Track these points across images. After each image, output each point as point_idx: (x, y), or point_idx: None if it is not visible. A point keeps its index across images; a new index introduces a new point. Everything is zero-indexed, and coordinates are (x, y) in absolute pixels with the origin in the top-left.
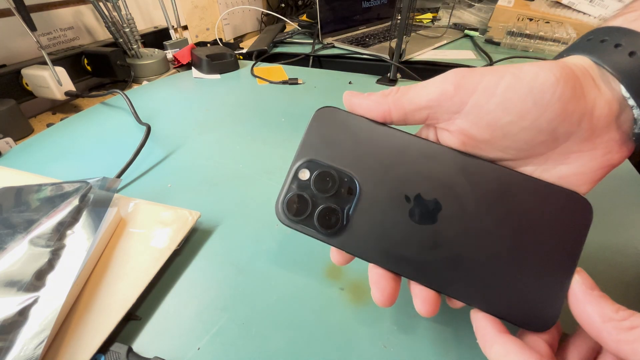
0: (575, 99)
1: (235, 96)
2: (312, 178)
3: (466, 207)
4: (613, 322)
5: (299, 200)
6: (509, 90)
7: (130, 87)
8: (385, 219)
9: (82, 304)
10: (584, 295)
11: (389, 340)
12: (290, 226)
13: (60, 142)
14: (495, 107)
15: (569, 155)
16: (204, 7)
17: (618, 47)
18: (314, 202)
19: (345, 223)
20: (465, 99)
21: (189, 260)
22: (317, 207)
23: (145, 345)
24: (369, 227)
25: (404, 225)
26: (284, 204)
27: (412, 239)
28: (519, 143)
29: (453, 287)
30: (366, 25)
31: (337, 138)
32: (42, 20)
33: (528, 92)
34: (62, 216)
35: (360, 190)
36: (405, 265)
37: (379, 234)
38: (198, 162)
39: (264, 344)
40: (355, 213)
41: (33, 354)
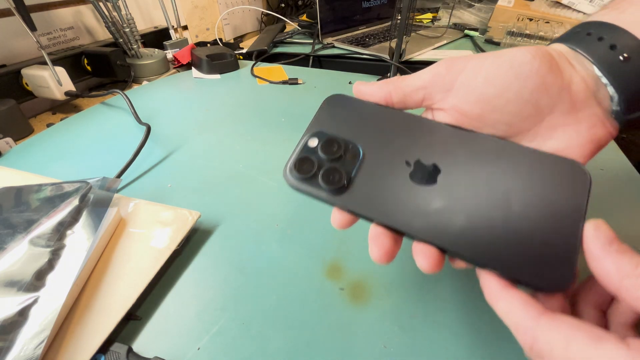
0: (552, 73)
1: (235, 96)
2: (319, 144)
3: (465, 170)
4: (632, 279)
5: (306, 161)
6: (492, 66)
7: (130, 87)
8: (387, 181)
9: (82, 304)
10: (601, 251)
11: (389, 340)
12: (296, 187)
13: (60, 142)
14: (481, 82)
15: (555, 129)
16: (204, 7)
17: (589, 35)
18: (320, 164)
19: (348, 183)
20: (455, 77)
21: (189, 260)
22: (323, 167)
23: (145, 345)
24: (371, 187)
25: (405, 186)
26: (292, 165)
27: (413, 198)
28: (507, 116)
29: (453, 244)
30: (366, 25)
31: (344, 116)
32: (42, 20)
33: (509, 67)
34: (62, 216)
35: (363, 156)
36: (405, 222)
37: (381, 194)
38: (198, 162)
39: (264, 344)
40: (358, 175)
41: (33, 354)
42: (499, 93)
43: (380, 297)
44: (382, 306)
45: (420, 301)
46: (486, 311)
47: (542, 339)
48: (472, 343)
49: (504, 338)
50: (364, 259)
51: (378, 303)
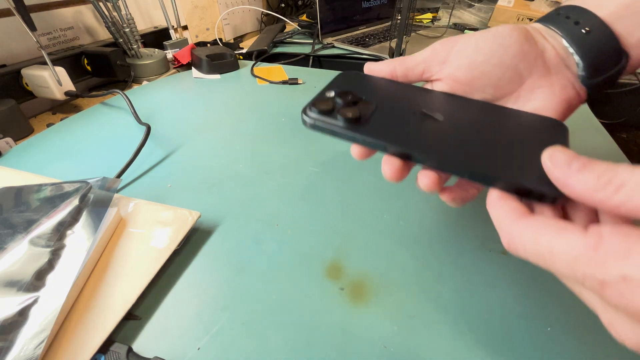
0: (529, 43)
1: (235, 96)
2: (336, 93)
3: (464, 117)
4: (600, 192)
5: (324, 101)
6: (480, 39)
7: (130, 87)
8: (397, 121)
9: (82, 304)
10: (563, 176)
11: (389, 340)
12: (313, 124)
13: (60, 142)
14: (471, 51)
15: (534, 91)
16: (204, 7)
17: (559, 15)
18: (337, 105)
19: (362, 118)
20: (450, 50)
21: (189, 260)
22: (340, 105)
23: (145, 345)
24: (382, 124)
25: (411, 123)
26: (310, 104)
27: (420, 131)
28: (493, 80)
29: (456, 168)
30: (366, 25)
31: (356, 84)
32: (42, 20)
33: (493, 38)
34: (62, 216)
35: (374, 106)
36: (414, 150)
37: (390, 128)
38: (198, 162)
39: (264, 344)
40: (371, 117)
41: (33, 354)
42: (486, 60)
43: (380, 297)
44: (382, 306)
45: (420, 301)
46: (486, 311)
47: (517, 236)
48: (472, 343)
49: (503, 338)
50: (364, 259)
51: (378, 303)
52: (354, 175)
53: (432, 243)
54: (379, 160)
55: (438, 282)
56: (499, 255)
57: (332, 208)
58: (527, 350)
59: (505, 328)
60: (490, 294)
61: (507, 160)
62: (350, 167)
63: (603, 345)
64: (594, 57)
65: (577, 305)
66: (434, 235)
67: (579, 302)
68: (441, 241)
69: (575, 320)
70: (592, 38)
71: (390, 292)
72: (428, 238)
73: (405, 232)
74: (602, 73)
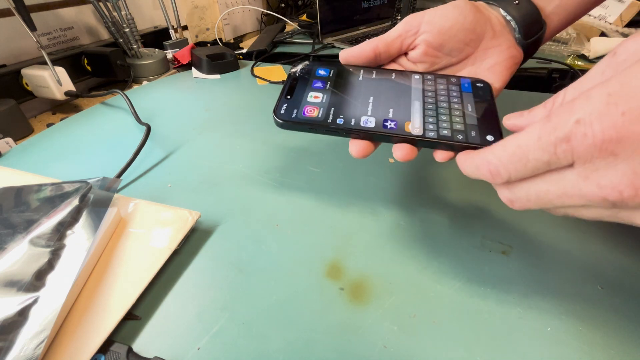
0: (479, 12)
1: (235, 96)
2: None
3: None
4: (546, 122)
5: (289, 101)
6: (444, 10)
7: (130, 87)
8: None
9: (82, 304)
10: (522, 124)
11: (389, 340)
12: (282, 124)
13: (60, 142)
14: (439, 19)
15: (487, 51)
16: (204, 7)
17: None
18: (300, 103)
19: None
20: (420, 21)
21: (189, 260)
22: (302, 106)
23: (145, 345)
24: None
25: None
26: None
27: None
28: (458, 43)
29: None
30: (366, 25)
31: (308, 77)
32: (42, 20)
33: (453, 8)
34: (62, 216)
35: (331, 97)
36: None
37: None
38: (198, 162)
39: (264, 344)
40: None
41: (33, 354)
42: (452, 25)
43: (380, 297)
44: (382, 306)
45: (420, 301)
46: (486, 311)
47: (492, 158)
48: (472, 343)
49: (503, 338)
50: (364, 259)
51: (378, 303)
52: (354, 176)
53: (432, 243)
54: (379, 160)
55: (438, 282)
56: (499, 255)
57: (332, 208)
58: (527, 350)
59: (505, 328)
60: (490, 294)
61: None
62: (350, 167)
63: (603, 345)
64: (524, 22)
65: (577, 306)
66: (434, 235)
67: (579, 302)
68: (441, 241)
69: (575, 320)
70: (521, 7)
71: (390, 292)
72: (428, 238)
73: (405, 232)
74: (531, 36)
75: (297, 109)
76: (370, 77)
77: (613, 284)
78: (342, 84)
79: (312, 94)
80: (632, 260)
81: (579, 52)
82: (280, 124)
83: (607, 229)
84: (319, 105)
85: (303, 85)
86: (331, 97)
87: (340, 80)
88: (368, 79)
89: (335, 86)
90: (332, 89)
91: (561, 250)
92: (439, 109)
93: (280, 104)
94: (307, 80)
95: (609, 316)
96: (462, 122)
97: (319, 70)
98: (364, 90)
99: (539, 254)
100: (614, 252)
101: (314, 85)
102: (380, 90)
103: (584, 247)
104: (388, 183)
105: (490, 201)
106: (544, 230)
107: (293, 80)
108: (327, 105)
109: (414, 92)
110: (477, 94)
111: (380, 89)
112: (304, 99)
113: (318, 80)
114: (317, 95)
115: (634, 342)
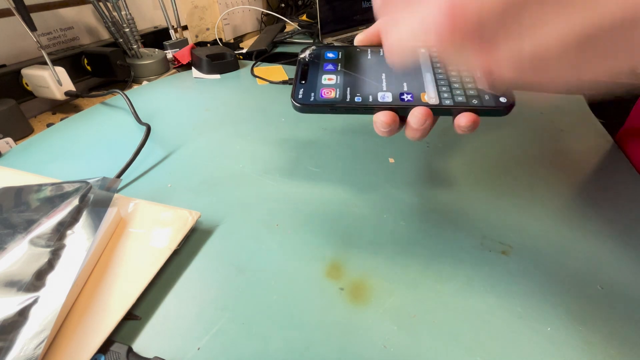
0: None
1: (235, 96)
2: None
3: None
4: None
5: (306, 86)
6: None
7: (130, 87)
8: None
9: (82, 304)
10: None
11: (389, 340)
12: (302, 108)
13: (60, 142)
14: None
15: None
16: (204, 7)
17: None
18: (316, 85)
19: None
20: None
21: (189, 260)
22: (318, 86)
23: (145, 345)
24: (360, 90)
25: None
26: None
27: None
28: None
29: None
30: (366, 25)
31: (319, 61)
32: (42, 20)
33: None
34: (62, 216)
35: (344, 76)
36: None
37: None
38: (198, 162)
39: (264, 344)
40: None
41: (33, 354)
42: None
43: (380, 297)
44: (382, 306)
45: (420, 301)
46: (486, 311)
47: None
48: (472, 343)
49: (503, 338)
50: (364, 259)
51: (378, 303)
52: (354, 176)
53: (432, 243)
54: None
55: (438, 282)
56: (499, 255)
57: (332, 208)
58: (527, 350)
59: (505, 328)
60: (490, 294)
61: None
62: (349, 167)
63: (603, 345)
64: None
65: (577, 306)
66: (434, 235)
67: (579, 302)
68: (441, 241)
69: (575, 320)
70: None
71: (391, 292)
72: (428, 238)
73: (405, 232)
74: None
75: (314, 92)
76: (378, 55)
77: (613, 284)
78: (353, 65)
79: (326, 76)
80: (632, 260)
81: None
82: (300, 107)
83: (607, 229)
84: (335, 86)
85: (315, 69)
86: (344, 77)
87: (350, 61)
88: (377, 57)
89: (346, 67)
90: (343, 69)
91: (561, 250)
92: (450, 78)
93: (297, 89)
94: (318, 64)
95: (609, 316)
96: (474, 88)
97: (327, 54)
98: (376, 68)
99: (539, 254)
100: (614, 252)
101: (325, 68)
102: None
103: (584, 247)
104: (388, 183)
105: (490, 201)
106: (544, 230)
107: (304, 65)
108: (343, 85)
109: (423, 65)
110: None
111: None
112: (318, 82)
113: (329, 63)
114: (331, 77)
115: (634, 342)
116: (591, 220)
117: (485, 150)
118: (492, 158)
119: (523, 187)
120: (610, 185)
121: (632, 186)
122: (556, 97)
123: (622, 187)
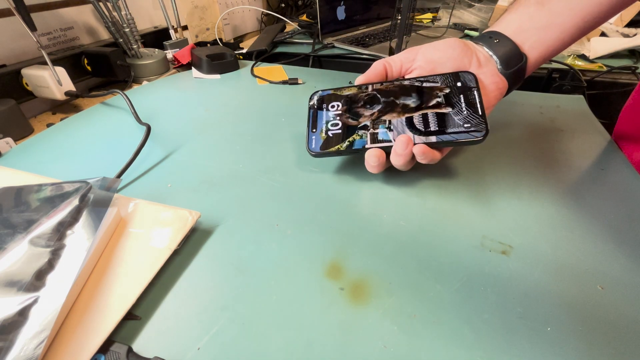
0: (467, 47)
1: (235, 96)
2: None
3: (404, 100)
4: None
5: (318, 138)
6: (436, 44)
7: (130, 87)
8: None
9: (82, 304)
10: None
11: (389, 340)
12: (316, 155)
13: (60, 142)
14: (431, 50)
15: None
16: (204, 7)
17: (483, 36)
18: (328, 137)
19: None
20: (417, 52)
21: (189, 260)
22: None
23: (145, 345)
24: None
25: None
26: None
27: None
28: (446, 68)
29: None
30: (366, 25)
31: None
32: (42, 20)
33: (444, 43)
34: (62, 216)
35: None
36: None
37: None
38: (198, 162)
39: (264, 344)
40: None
41: (33, 354)
42: (441, 55)
43: (380, 297)
44: (382, 306)
45: (420, 301)
46: (486, 311)
47: None
48: (472, 343)
49: (503, 338)
50: (364, 259)
51: (378, 303)
52: (353, 176)
53: (432, 243)
54: None
55: (438, 282)
56: (498, 255)
57: (332, 208)
58: (527, 350)
59: (505, 328)
60: (490, 294)
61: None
62: (349, 167)
63: (603, 345)
64: (504, 56)
65: (577, 306)
66: (434, 235)
67: (579, 302)
68: (441, 241)
69: (575, 320)
70: (500, 44)
71: (391, 292)
72: (428, 238)
73: (405, 232)
74: (512, 67)
75: (324, 142)
76: (373, 95)
77: (613, 284)
78: (351, 109)
79: (331, 123)
80: (632, 260)
81: (579, 52)
82: (314, 155)
83: (607, 229)
84: (339, 133)
85: (322, 117)
86: (345, 124)
87: (349, 106)
88: (371, 97)
89: (347, 111)
90: (345, 115)
91: (561, 250)
92: (438, 115)
93: (309, 139)
94: (323, 110)
95: (609, 316)
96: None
97: (330, 101)
98: (371, 109)
99: (539, 254)
100: (614, 252)
101: (329, 115)
102: (386, 105)
103: (584, 247)
104: (388, 183)
105: (491, 201)
106: (544, 230)
107: (313, 112)
108: (346, 132)
109: (412, 101)
110: (466, 96)
111: (386, 102)
112: (326, 130)
113: (331, 109)
114: (336, 123)
115: (634, 342)
116: (591, 220)
117: (485, 150)
118: (492, 158)
119: (523, 187)
120: (611, 185)
121: (632, 186)
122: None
123: (623, 187)
